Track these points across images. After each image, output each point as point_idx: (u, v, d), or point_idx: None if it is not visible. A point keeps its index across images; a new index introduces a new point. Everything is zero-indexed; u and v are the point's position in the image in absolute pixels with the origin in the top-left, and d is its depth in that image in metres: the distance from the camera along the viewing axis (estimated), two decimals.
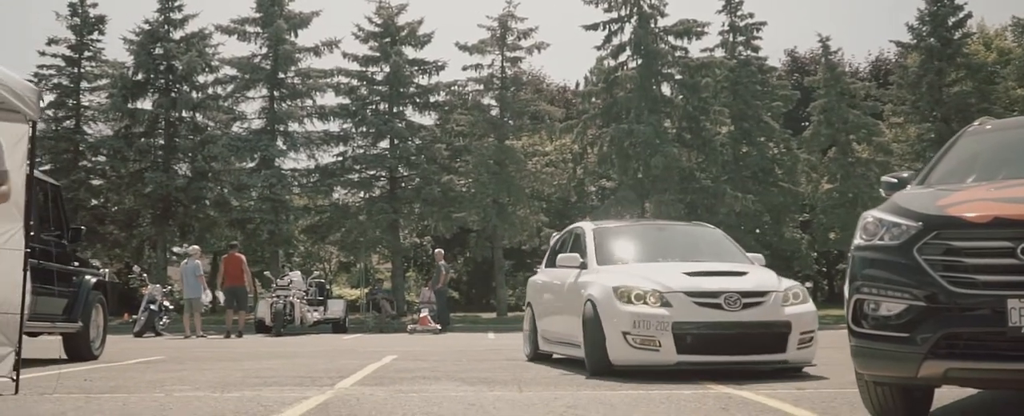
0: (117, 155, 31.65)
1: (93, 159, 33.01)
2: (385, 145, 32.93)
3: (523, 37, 33.30)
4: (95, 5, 32.92)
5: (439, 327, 21.89)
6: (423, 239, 41.33)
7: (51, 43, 32.48)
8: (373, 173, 33.17)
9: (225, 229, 31.95)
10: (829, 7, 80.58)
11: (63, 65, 32.76)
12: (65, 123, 32.90)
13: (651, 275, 7.98)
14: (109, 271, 18.63)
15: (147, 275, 23.42)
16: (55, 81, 32.75)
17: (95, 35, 32.88)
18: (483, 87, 33.41)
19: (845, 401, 5.69)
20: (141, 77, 32.18)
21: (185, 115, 32.42)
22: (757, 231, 32.07)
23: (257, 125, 32.91)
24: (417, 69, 33.37)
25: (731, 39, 34.10)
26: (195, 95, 32.40)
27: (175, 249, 34.17)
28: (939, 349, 4.13)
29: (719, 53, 33.84)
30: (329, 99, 33.69)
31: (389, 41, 32.98)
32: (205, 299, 20.90)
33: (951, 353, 4.13)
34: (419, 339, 18.13)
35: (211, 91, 33.03)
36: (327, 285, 26.75)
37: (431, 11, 65.27)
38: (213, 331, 20.99)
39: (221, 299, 20.61)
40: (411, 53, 33.44)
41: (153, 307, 20.87)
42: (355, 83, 33.37)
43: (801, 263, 32.39)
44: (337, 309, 23.43)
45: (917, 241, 4.25)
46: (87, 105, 33.15)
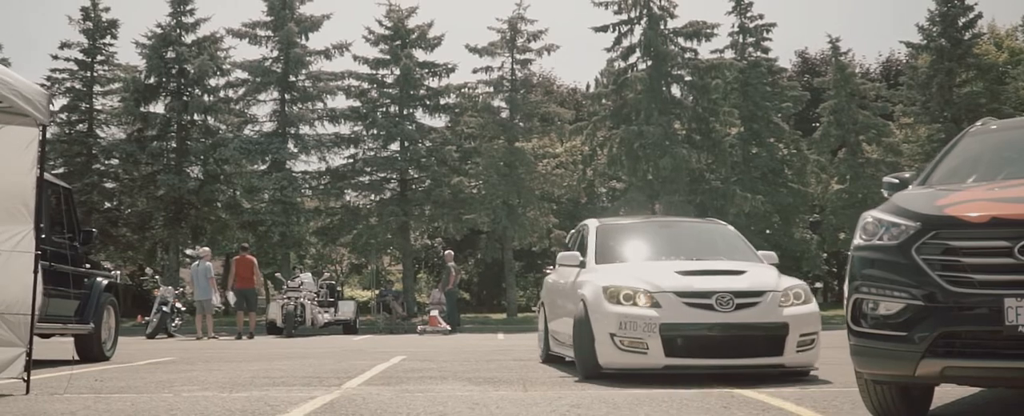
0: (129, 158, 31.84)
1: (106, 162, 33.22)
2: (395, 147, 33.03)
3: (533, 39, 33.38)
4: (107, 9, 33.19)
5: (449, 328, 21.95)
6: (434, 240, 41.44)
7: (64, 47, 32.76)
8: (384, 175, 33.29)
9: (236, 231, 32.10)
10: (839, 8, 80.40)
11: (76, 69, 33.01)
12: (78, 127, 33.15)
13: (644, 274, 7.68)
14: (121, 273, 18.80)
15: (159, 277, 23.56)
16: (68, 85, 33.01)
17: (107, 39, 33.14)
18: (493, 89, 33.48)
19: (847, 400, 5.72)
20: (153, 81, 32.36)
21: (197, 118, 32.59)
22: (768, 232, 32.05)
23: (268, 128, 33.08)
24: (427, 72, 33.47)
25: (741, 40, 34.09)
26: (207, 98, 32.57)
27: (188, 252, 34.32)
28: (937, 348, 4.16)
29: (729, 54, 33.84)
30: (340, 102, 33.94)
31: (399, 44, 33.09)
32: (216, 301, 21.00)
33: (949, 352, 4.16)
34: (428, 340, 18.19)
35: (223, 94, 33.21)
36: (338, 287, 26.84)
37: (441, 14, 65.60)
38: (224, 332, 21.10)
39: (231, 301, 20.71)
40: (421, 56, 33.57)
41: (165, 309, 21.00)
42: (365, 86, 33.51)
43: (810, 264, 32.36)
44: (348, 310, 23.49)
45: (916, 241, 4.28)
46: (100, 109, 33.38)
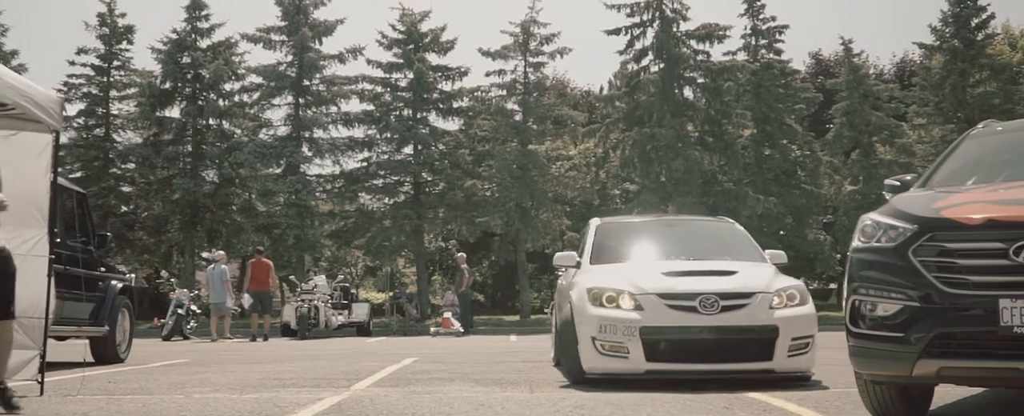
0: (145, 162, 32.10)
1: (122, 167, 33.50)
2: (409, 151, 33.15)
3: (546, 42, 33.45)
4: (124, 15, 33.47)
5: (462, 330, 22.04)
6: (448, 243, 41.56)
7: (80, 52, 33.02)
8: (397, 179, 33.42)
9: (252, 234, 32.31)
10: (854, 10, 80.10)
11: (92, 74, 33.28)
12: (95, 131, 33.42)
13: (630, 275, 7.43)
14: (135, 276, 18.90)
15: (175, 280, 23.76)
16: (85, 90, 33.31)
17: (124, 45, 33.44)
18: (506, 92, 33.57)
19: (849, 401, 5.76)
20: (169, 86, 32.59)
21: (212, 122, 32.80)
22: (782, 233, 32.02)
23: (283, 132, 33.26)
24: (440, 75, 33.59)
25: (753, 42, 34.06)
26: (222, 103, 32.77)
27: (204, 255, 34.55)
28: (933, 348, 4.22)
29: (741, 56, 33.83)
30: (354, 105, 34.06)
31: (413, 48, 33.21)
32: (230, 304, 21.18)
33: (944, 352, 4.22)
34: (441, 342, 18.28)
35: (237, 99, 33.41)
36: (352, 289, 26.99)
37: (454, 18, 65.64)
38: (239, 335, 21.25)
39: (247, 303, 20.88)
40: (434, 59, 33.68)
41: (181, 311, 21.17)
42: (379, 89, 33.65)
43: (824, 265, 32.32)
44: (361, 312, 23.62)
45: (912, 243, 4.34)
46: (116, 113, 33.66)
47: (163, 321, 22.23)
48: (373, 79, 33.63)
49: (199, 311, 23.18)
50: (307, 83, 33.08)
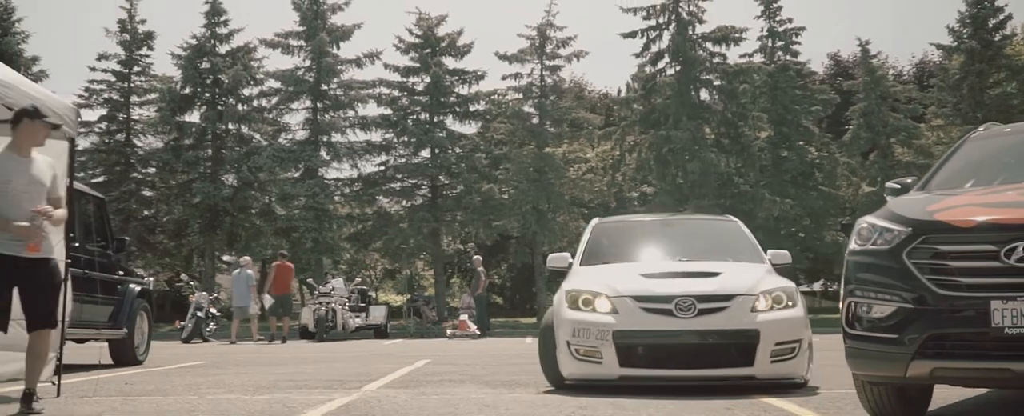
0: (166, 167, 32.45)
1: (143, 171, 33.87)
2: (426, 154, 33.35)
3: (562, 46, 33.59)
4: (144, 22, 33.89)
5: (478, 332, 22.13)
6: (466, 246, 41.72)
7: (101, 59, 33.49)
8: (414, 182, 33.63)
9: (270, 238, 32.57)
10: (873, 10, 79.72)
11: (113, 80, 33.69)
12: (117, 136, 33.79)
13: (610, 277, 7.19)
14: (154, 280, 19.12)
15: (194, 283, 23.98)
16: (106, 96, 33.71)
17: (144, 50, 33.84)
18: (522, 96, 33.71)
19: (849, 402, 5.80)
20: (189, 91, 32.96)
21: (231, 127, 33.13)
22: (801, 235, 31.94)
23: (301, 136, 33.53)
24: (457, 79, 33.78)
25: (770, 44, 34.07)
26: (241, 108, 33.11)
27: (225, 258, 34.84)
28: (926, 349, 4.27)
29: (758, 58, 33.81)
30: (371, 110, 34.31)
31: (429, 52, 33.41)
32: (254, 308, 21.41)
33: (938, 353, 4.27)
34: (457, 344, 18.37)
35: (256, 103, 33.76)
36: (369, 291, 27.14)
37: (471, 22, 66.24)
38: (263, 336, 21.45)
39: (266, 303, 21.10)
40: (451, 63, 33.87)
41: (200, 314, 21.35)
42: (396, 94, 33.88)
43: (842, 267, 32.21)
44: (379, 315, 23.75)
45: (906, 245, 4.40)
46: (137, 119, 34.05)
47: (183, 324, 22.45)
48: (390, 83, 33.88)
49: (218, 314, 23.39)
50: (325, 87, 33.33)
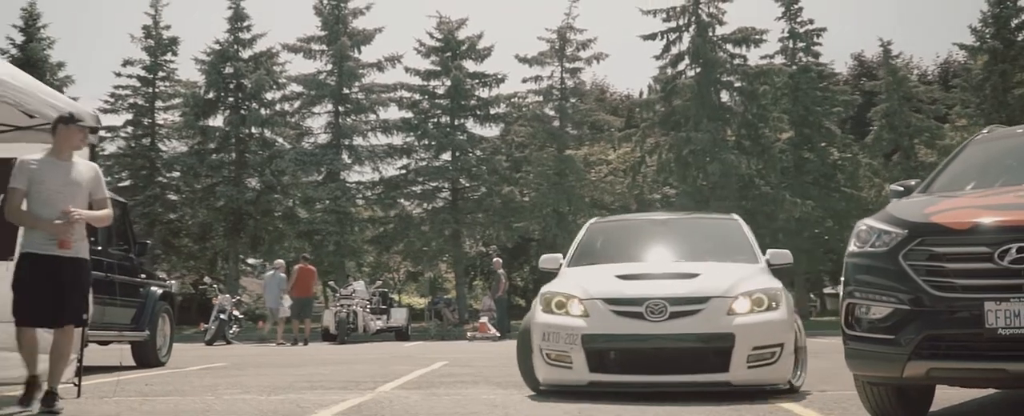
0: (190, 171, 32.78)
1: (168, 175, 34.22)
2: (447, 157, 33.53)
3: (582, 48, 33.69)
4: (168, 27, 34.29)
5: (498, 334, 22.22)
6: (488, 248, 41.86)
7: (127, 64, 33.90)
8: (435, 185, 33.80)
9: (293, 241, 32.83)
10: (898, 10, 79.17)
11: (138, 85, 34.08)
12: (142, 140, 34.16)
13: (586, 279, 7.01)
14: (176, 283, 19.41)
15: (217, 286, 24.26)
16: (131, 101, 34.08)
17: (168, 56, 34.25)
18: (543, 98, 33.82)
19: (853, 403, 5.85)
20: (212, 95, 33.28)
21: (254, 131, 33.43)
22: (825, 237, 31.83)
23: (323, 140, 33.82)
24: (478, 82, 33.95)
25: (791, 46, 33.96)
26: (264, 112, 33.40)
27: (250, 261, 35.14)
28: (922, 350, 4.33)
29: (779, 60, 33.73)
30: (392, 113, 34.62)
31: (450, 55, 33.60)
32: (284, 310, 21.68)
33: (933, 354, 4.33)
34: (477, 346, 18.46)
35: (279, 107, 34.05)
36: (390, 294, 27.31)
37: (491, 25, 66.40)
38: (280, 340, 21.64)
39: (285, 304, 21.32)
40: (471, 67, 34.08)
41: (223, 317, 21.58)
42: (417, 97, 34.08)
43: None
44: (400, 317, 23.88)
45: (903, 248, 4.46)
46: (162, 123, 34.41)
47: (207, 326, 22.69)
48: (411, 87, 34.09)
49: (242, 316, 23.63)
50: (346, 91, 33.59)
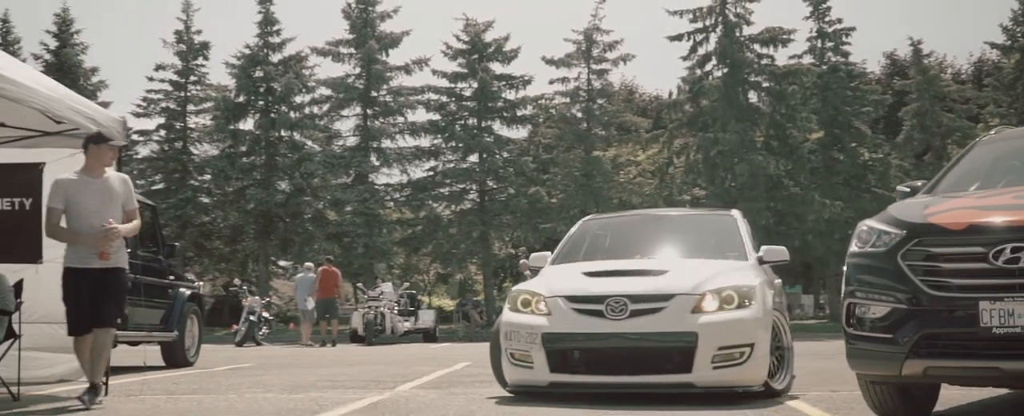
0: (221, 174, 33.14)
1: (199, 178, 34.62)
2: (474, 159, 33.70)
3: (609, 49, 33.76)
4: (199, 32, 34.70)
5: None
6: (518, 250, 41.96)
7: (159, 69, 34.32)
8: (463, 187, 33.99)
9: (323, 243, 33.13)
10: (931, 8, 78.37)
11: (170, 90, 34.49)
12: (175, 144, 34.59)
13: (556, 276, 6.91)
14: (211, 285, 19.72)
15: (247, 287, 24.57)
16: (163, 105, 34.52)
17: (200, 60, 34.61)
18: (569, 100, 33.91)
19: (860, 401, 5.91)
20: (243, 99, 33.66)
21: (284, 134, 33.76)
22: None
23: (352, 142, 34.13)
24: (504, 84, 34.10)
25: (820, 45, 33.81)
26: (293, 115, 33.73)
27: (282, 263, 35.48)
28: (919, 349, 4.40)
29: (807, 60, 33.58)
30: (420, 115, 34.87)
31: (477, 58, 33.78)
32: (311, 313, 21.98)
33: (930, 352, 4.40)
34: None
35: (308, 111, 34.38)
36: (419, 296, 27.50)
37: (517, 27, 66.48)
38: (307, 342, 21.90)
39: (309, 306, 21.57)
40: (498, 68, 34.24)
41: (252, 318, 21.87)
42: (444, 99, 34.30)
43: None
44: (427, 319, 24.05)
45: (901, 248, 4.53)
46: (193, 127, 34.81)
47: (237, 328, 23.00)
48: (438, 89, 34.30)
49: (271, 318, 23.92)
50: (374, 94, 33.87)
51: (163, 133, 34.53)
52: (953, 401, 5.87)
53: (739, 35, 32.44)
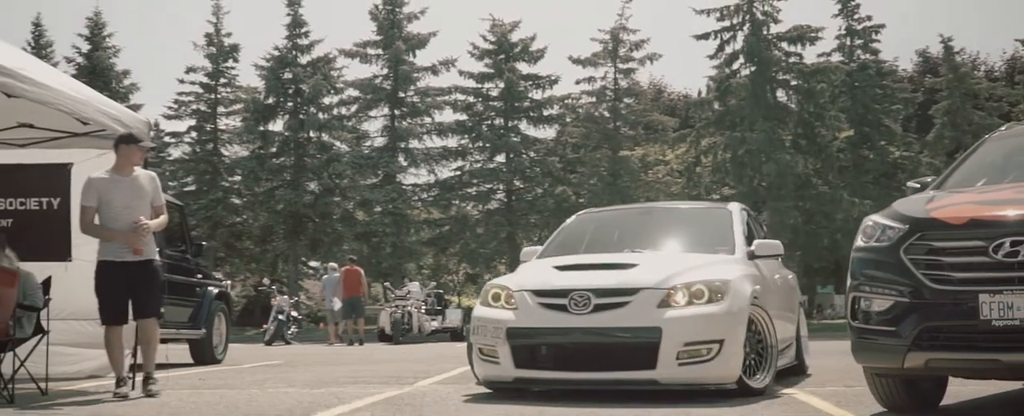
0: (251, 175, 33.49)
1: (230, 179, 35.00)
2: (501, 159, 33.85)
3: (635, 48, 33.76)
4: (229, 35, 35.07)
5: None
6: None
7: (189, 71, 34.70)
8: (490, 186, 34.13)
9: (352, 243, 33.39)
10: (965, 6, 77.48)
11: (201, 92, 34.89)
12: (206, 145, 34.99)
13: (529, 270, 6.86)
14: (242, 285, 19.88)
15: (275, 287, 24.86)
16: (194, 107, 34.93)
17: (229, 63, 34.95)
18: (596, 99, 33.94)
19: (869, 395, 5.95)
20: (272, 101, 34.00)
21: (312, 135, 34.06)
22: None
23: (379, 143, 34.38)
24: (531, 84, 34.22)
25: (848, 43, 33.60)
26: (321, 116, 34.02)
27: (312, 263, 35.78)
28: (921, 341, 4.47)
29: (836, 57, 33.40)
30: (447, 116, 35.06)
31: (503, 58, 33.92)
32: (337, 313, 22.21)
33: (932, 345, 4.46)
34: None
35: (336, 112, 34.68)
36: (446, 295, 27.64)
37: (544, 27, 66.53)
38: (333, 341, 22.13)
39: (335, 306, 21.78)
40: (525, 68, 34.35)
41: (281, 317, 22.13)
42: (471, 100, 34.47)
43: None
44: (454, 318, 24.17)
45: (904, 242, 4.59)
46: (223, 128, 35.19)
47: (266, 327, 23.26)
48: (465, 89, 34.47)
49: (300, 317, 24.18)
50: (402, 95, 34.10)
51: (194, 135, 34.93)
52: (961, 396, 5.89)
53: (766, 33, 32.31)
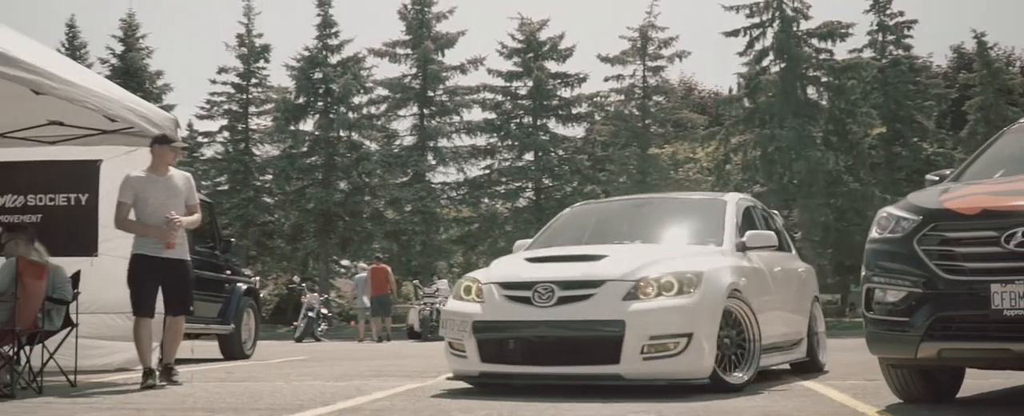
0: (282, 174, 33.77)
1: (261, 178, 35.31)
2: (530, 157, 33.91)
3: (664, 46, 33.66)
4: (260, 35, 35.35)
5: None
6: None
7: (221, 71, 35.05)
8: (519, 185, 34.19)
9: (381, 241, 33.61)
10: (1000, 1, 76.41)
11: (233, 92, 35.21)
12: (238, 145, 35.31)
13: (502, 263, 6.81)
14: (273, 283, 20.02)
15: (305, 284, 25.09)
16: (226, 107, 35.27)
17: (261, 63, 35.25)
18: (624, 97, 33.89)
19: (884, 386, 5.94)
20: (302, 100, 34.26)
21: (342, 134, 34.30)
22: None
23: (409, 142, 34.55)
24: (559, 82, 34.25)
25: (880, 39, 33.31)
26: (351, 115, 34.25)
27: (343, 262, 36.02)
28: (933, 331, 4.48)
29: (867, 53, 33.11)
30: (476, 115, 35.17)
31: (532, 56, 33.97)
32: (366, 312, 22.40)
33: (944, 335, 4.47)
34: None
35: (366, 111, 34.89)
36: None
37: (572, 25, 66.49)
38: (369, 338, 22.32)
39: (364, 303, 21.97)
40: (553, 67, 34.39)
41: (311, 315, 22.35)
42: (500, 98, 34.56)
43: None
44: None
45: (917, 233, 4.61)
46: (255, 128, 35.51)
47: (296, 324, 23.50)
48: (494, 88, 34.57)
49: (330, 314, 24.39)
50: (431, 94, 34.26)
51: (226, 135, 35.25)
52: (978, 389, 5.87)
53: (796, 30, 32.11)
